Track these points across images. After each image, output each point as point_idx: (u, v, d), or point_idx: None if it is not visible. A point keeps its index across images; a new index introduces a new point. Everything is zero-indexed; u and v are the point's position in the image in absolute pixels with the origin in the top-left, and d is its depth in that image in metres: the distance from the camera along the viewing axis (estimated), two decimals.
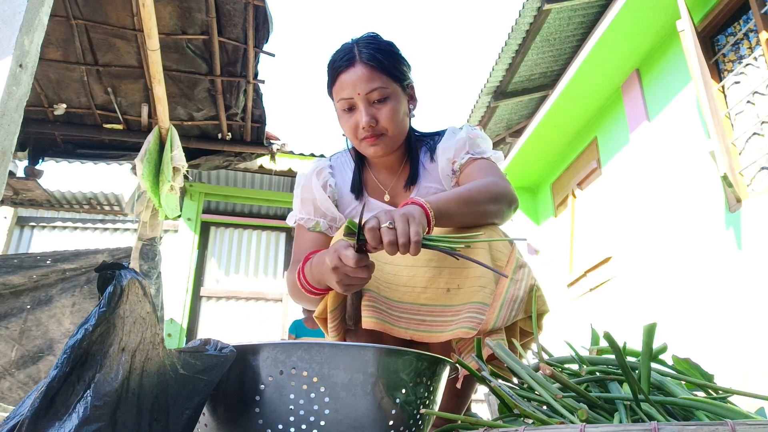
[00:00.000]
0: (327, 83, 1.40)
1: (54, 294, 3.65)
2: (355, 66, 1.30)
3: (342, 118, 1.36)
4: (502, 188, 1.22)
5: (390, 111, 1.31)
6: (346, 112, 1.34)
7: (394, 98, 1.33)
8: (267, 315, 6.46)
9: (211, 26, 3.54)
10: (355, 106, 1.32)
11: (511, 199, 1.24)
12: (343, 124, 1.37)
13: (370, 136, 1.31)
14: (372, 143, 1.32)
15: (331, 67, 1.35)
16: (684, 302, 3.81)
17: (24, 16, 1.56)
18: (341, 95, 1.32)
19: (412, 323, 1.13)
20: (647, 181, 4.41)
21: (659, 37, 4.37)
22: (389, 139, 1.34)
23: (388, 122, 1.31)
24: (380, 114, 1.31)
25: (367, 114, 1.29)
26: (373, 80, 1.30)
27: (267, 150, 4.62)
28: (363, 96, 1.29)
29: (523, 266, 1.16)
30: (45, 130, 4.19)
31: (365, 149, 1.35)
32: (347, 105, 1.32)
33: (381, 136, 1.32)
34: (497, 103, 6.00)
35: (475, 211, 1.16)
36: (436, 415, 0.82)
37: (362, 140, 1.33)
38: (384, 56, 1.32)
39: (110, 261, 1.71)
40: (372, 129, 1.30)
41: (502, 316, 1.07)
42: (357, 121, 1.31)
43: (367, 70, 1.30)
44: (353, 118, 1.32)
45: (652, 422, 0.57)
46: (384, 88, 1.30)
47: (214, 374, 0.76)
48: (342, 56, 1.33)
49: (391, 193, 1.43)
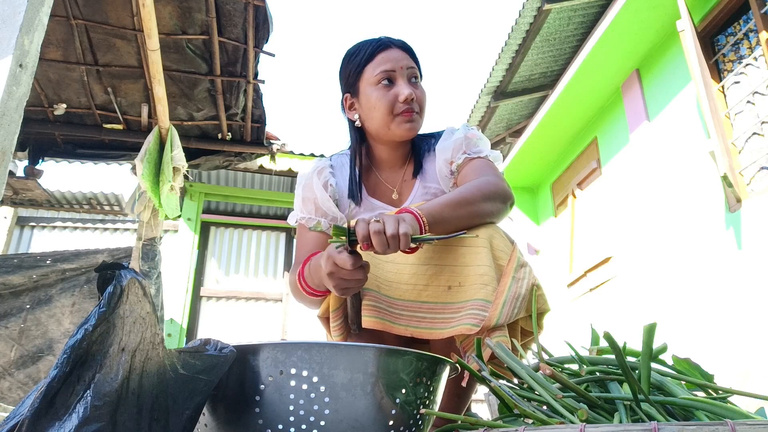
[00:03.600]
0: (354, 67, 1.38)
1: (54, 294, 3.65)
2: (393, 48, 1.36)
3: (377, 92, 1.33)
4: (495, 186, 1.21)
5: (423, 94, 1.37)
6: (384, 86, 1.33)
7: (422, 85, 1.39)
8: (267, 315, 6.46)
9: (211, 26, 3.54)
10: (395, 80, 1.33)
11: (505, 195, 1.23)
12: (378, 98, 1.33)
13: (409, 110, 1.32)
14: (409, 118, 1.32)
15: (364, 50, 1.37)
16: (684, 302, 3.81)
17: (24, 16, 1.56)
18: (382, 67, 1.33)
19: (413, 320, 1.13)
20: (647, 181, 4.41)
21: (659, 37, 4.37)
22: (420, 120, 1.36)
23: (422, 103, 1.36)
24: (417, 92, 1.34)
25: (408, 87, 1.32)
26: (411, 62, 1.36)
27: (267, 150, 4.62)
28: (404, 71, 1.33)
29: (524, 265, 1.16)
30: (45, 130, 4.19)
31: (398, 126, 1.33)
32: (387, 77, 1.33)
33: (416, 114, 1.34)
34: (497, 103, 6.00)
35: (470, 213, 1.15)
36: (436, 415, 0.82)
37: (399, 115, 1.32)
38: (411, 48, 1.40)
39: (110, 261, 1.71)
40: (412, 103, 1.32)
41: (505, 313, 1.07)
42: (396, 93, 1.32)
43: (404, 53, 1.36)
44: (392, 91, 1.32)
45: (652, 422, 0.57)
46: (418, 70, 1.37)
47: (214, 374, 0.76)
48: (375, 41, 1.37)
49: (399, 190, 1.43)
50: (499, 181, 1.24)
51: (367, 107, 1.36)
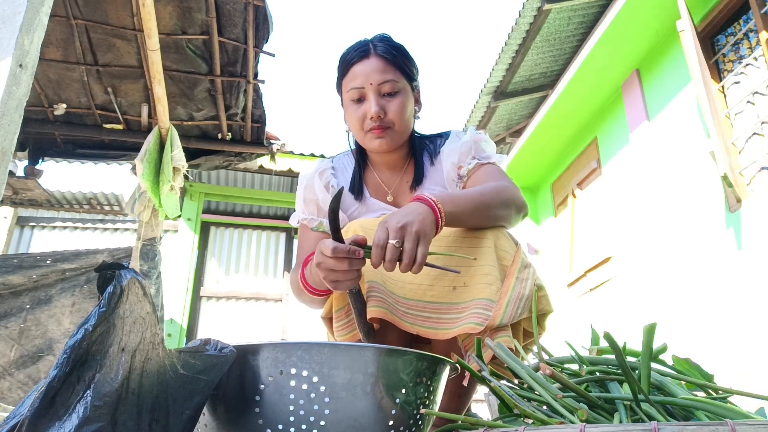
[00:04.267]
0: (337, 77, 1.40)
1: (54, 294, 3.65)
2: (370, 58, 1.33)
3: (350, 108, 1.35)
4: (512, 194, 1.22)
5: (399, 105, 1.33)
6: (355, 102, 1.34)
7: (404, 94, 1.34)
8: (267, 315, 6.46)
9: (211, 26, 3.54)
10: (365, 97, 1.32)
11: (521, 205, 1.24)
12: (350, 115, 1.36)
13: (377, 127, 1.31)
14: (378, 135, 1.32)
15: (344, 60, 1.37)
16: (684, 302, 3.81)
17: (24, 16, 1.56)
18: (352, 84, 1.33)
19: (418, 320, 1.13)
20: (647, 181, 4.41)
21: (659, 37, 4.37)
22: (395, 134, 1.34)
23: (395, 116, 1.32)
24: (389, 106, 1.32)
25: (376, 104, 1.30)
26: (386, 72, 1.32)
27: (267, 150, 4.61)
28: (375, 86, 1.31)
29: (528, 266, 1.16)
30: (45, 130, 4.19)
31: (370, 142, 1.34)
32: (357, 95, 1.33)
33: (387, 129, 1.32)
34: (497, 103, 6.00)
35: (486, 215, 1.16)
36: (436, 415, 0.82)
37: (368, 132, 1.33)
38: (397, 52, 1.35)
39: (110, 261, 1.71)
40: (380, 120, 1.31)
41: (509, 313, 1.07)
42: (365, 111, 1.32)
43: (381, 62, 1.32)
44: (361, 108, 1.33)
45: (652, 422, 0.57)
46: (395, 81, 1.32)
47: (214, 374, 0.76)
48: (356, 49, 1.35)
49: (394, 193, 1.43)
50: (516, 190, 1.25)
51: (346, 120, 1.40)
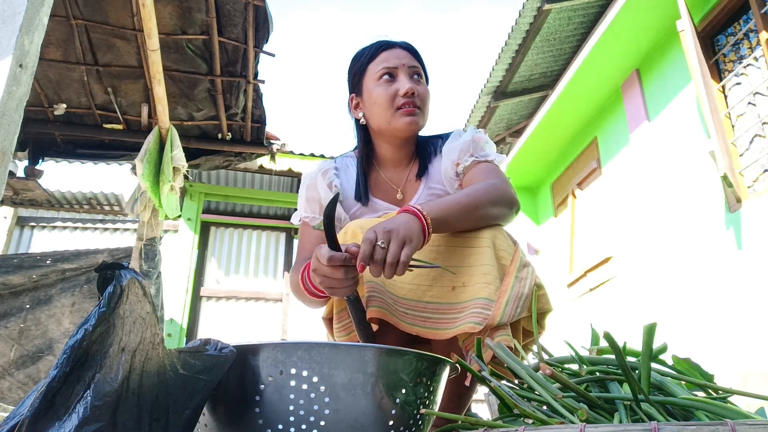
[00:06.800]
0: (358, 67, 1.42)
1: (54, 294, 3.65)
2: (397, 48, 1.39)
3: (379, 87, 1.35)
4: (502, 191, 1.21)
5: (426, 92, 1.39)
6: (386, 81, 1.35)
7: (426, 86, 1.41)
8: (267, 315, 6.46)
9: (211, 26, 3.54)
10: (396, 76, 1.36)
11: (511, 201, 1.23)
12: (379, 93, 1.35)
13: (410, 103, 1.33)
14: (410, 112, 1.33)
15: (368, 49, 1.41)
16: (684, 302, 3.81)
17: (24, 16, 1.56)
18: (384, 64, 1.36)
19: (418, 320, 1.13)
20: (647, 181, 4.41)
21: (659, 37, 4.37)
22: (422, 117, 1.37)
23: (424, 99, 1.37)
24: (419, 89, 1.36)
25: (410, 81, 1.34)
26: (413, 60, 1.38)
27: (267, 150, 4.62)
28: (406, 68, 1.36)
29: (527, 265, 1.16)
30: (45, 130, 4.19)
31: (399, 119, 1.34)
32: (388, 72, 1.35)
33: (418, 109, 1.35)
34: (497, 103, 6.00)
35: (475, 217, 1.15)
36: (436, 415, 0.82)
37: (399, 108, 1.33)
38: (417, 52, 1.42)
39: (110, 261, 1.71)
40: (413, 97, 1.33)
41: (508, 312, 1.07)
42: (397, 88, 1.34)
43: (409, 53, 1.39)
44: (393, 86, 1.35)
45: (652, 422, 0.57)
46: (422, 70, 1.39)
47: (214, 374, 0.76)
48: (379, 43, 1.40)
49: (403, 190, 1.43)
50: (506, 186, 1.24)
51: (369, 103, 1.38)
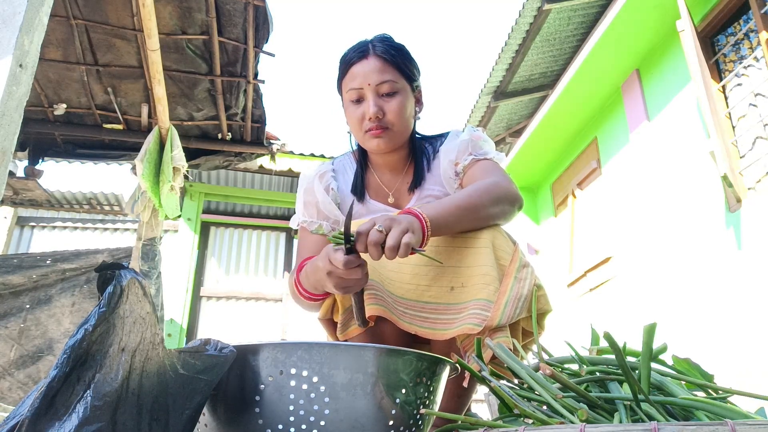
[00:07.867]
0: (337, 77, 1.40)
1: (54, 294, 3.65)
2: (368, 58, 1.32)
3: (349, 109, 1.35)
4: (504, 189, 1.20)
5: (397, 105, 1.32)
6: (354, 103, 1.34)
7: (403, 94, 1.34)
8: (267, 315, 6.46)
9: (211, 26, 3.54)
10: (364, 97, 1.32)
11: (513, 199, 1.22)
12: (349, 116, 1.36)
13: (376, 127, 1.31)
14: (376, 135, 1.31)
15: (343, 60, 1.37)
16: (684, 302, 3.81)
17: (24, 16, 1.56)
18: (351, 85, 1.33)
19: (416, 320, 1.13)
20: (647, 181, 4.41)
21: (659, 37, 4.37)
22: (393, 134, 1.33)
23: (394, 116, 1.31)
24: (388, 107, 1.31)
25: (374, 104, 1.30)
26: (384, 72, 1.31)
27: (267, 150, 4.62)
28: (373, 87, 1.31)
29: (526, 266, 1.16)
30: (45, 130, 4.19)
31: (368, 142, 1.34)
32: (356, 96, 1.33)
33: (386, 130, 1.32)
34: (497, 103, 6.00)
35: (477, 217, 1.15)
36: (436, 415, 0.82)
37: (367, 132, 1.32)
38: (397, 53, 1.35)
39: (110, 261, 1.71)
40: (378, 120, 1.30)
41: (507, 313, 1.07)
42: (364, 111, 1.32)
43: (380, 62, 1.32)
44: (360, 109, 1.32)
45: (652, 422, 0.57)
46: (394, 82, 1.32)
47: (214, 374, 0.76)
48: (356, 49, 1.35)
49: (395, 195, 1.42)
50: (507, 183, 1.23)
51: (347, 119, 1.40)
